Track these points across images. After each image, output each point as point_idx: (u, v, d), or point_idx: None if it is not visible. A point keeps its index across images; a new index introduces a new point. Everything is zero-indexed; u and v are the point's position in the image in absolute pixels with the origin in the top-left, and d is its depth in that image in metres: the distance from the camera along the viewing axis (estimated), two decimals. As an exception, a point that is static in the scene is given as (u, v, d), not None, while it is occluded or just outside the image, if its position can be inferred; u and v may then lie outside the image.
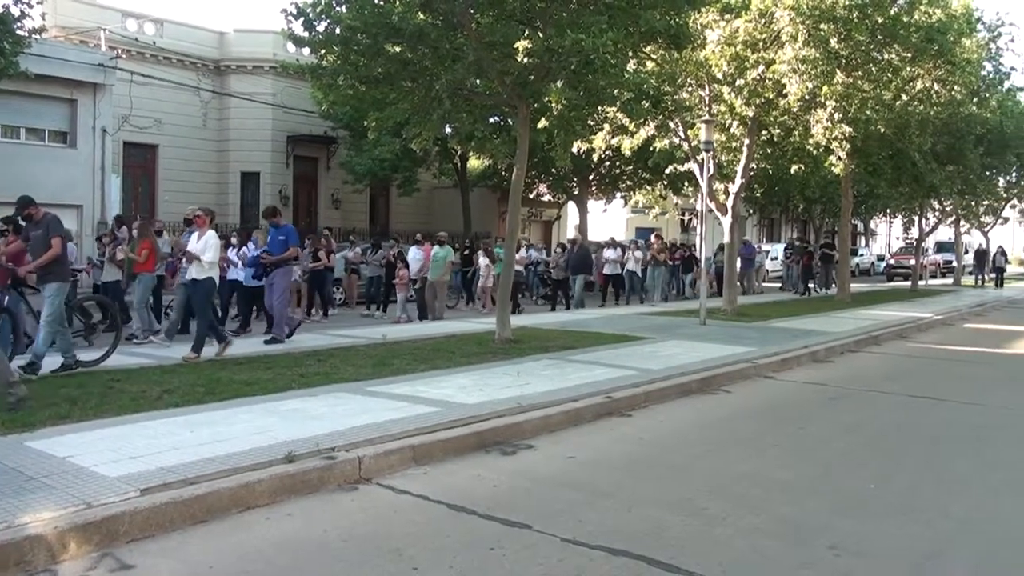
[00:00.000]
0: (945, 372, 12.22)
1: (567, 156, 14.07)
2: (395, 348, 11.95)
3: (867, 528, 5.24)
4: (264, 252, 13.04)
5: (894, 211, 44.12)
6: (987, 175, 31.25)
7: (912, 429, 8.25)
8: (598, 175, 34.29)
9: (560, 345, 12.55)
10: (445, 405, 7.86)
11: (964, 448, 7.46)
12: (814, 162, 23.03)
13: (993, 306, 25.25)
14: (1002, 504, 5.83)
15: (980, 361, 13.37)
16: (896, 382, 11.02)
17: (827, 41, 16.54)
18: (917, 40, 17.87)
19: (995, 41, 25.04)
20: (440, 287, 17.91)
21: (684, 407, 9.11)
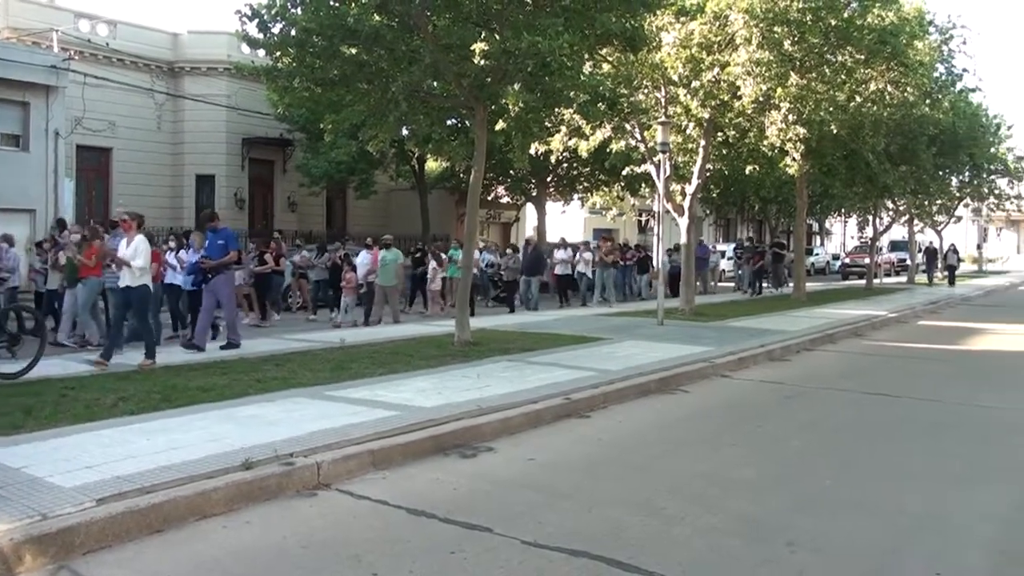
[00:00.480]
0: (900, 369, 12.44)
1: (525, 158, 14.11)
2: (353, 352, 11.88)
3: (825, 525, 5.32)
4: (203, 257, 12.72)
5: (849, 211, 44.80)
6: (940, 175, 31.85)
7: (868, 426, 8.39)
8: (556, 177, 34.39)
9: (519, 347, 12.58)
10: (404, 409, 7.84)
11: (920, 444, 7.60)
12: (769, 163, 23.32)
13: (947, 303, 25.73)
14: (958, 499, 5.93)
15: (935, 358, 13.63)
16: (852, 380, 11.20)
17: (781, 43, 16.76)
18: (870, 42, 18.17)
19: (947, 43, 25.58)
20: (391, 292, 17.62)
21: (643, 407, 9.17)
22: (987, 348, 15.08)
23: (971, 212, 47.49)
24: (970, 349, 14.97)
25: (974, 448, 7.50)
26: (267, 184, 32.38)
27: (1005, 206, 41.20)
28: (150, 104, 29.62)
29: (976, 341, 16.14)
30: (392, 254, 17.62)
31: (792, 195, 30.21)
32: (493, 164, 29.29)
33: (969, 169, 35.19)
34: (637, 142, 19.44)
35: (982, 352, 14.53)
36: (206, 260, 12.53)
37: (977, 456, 7.19)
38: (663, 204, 18.54)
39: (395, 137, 15.77)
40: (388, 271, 17.40)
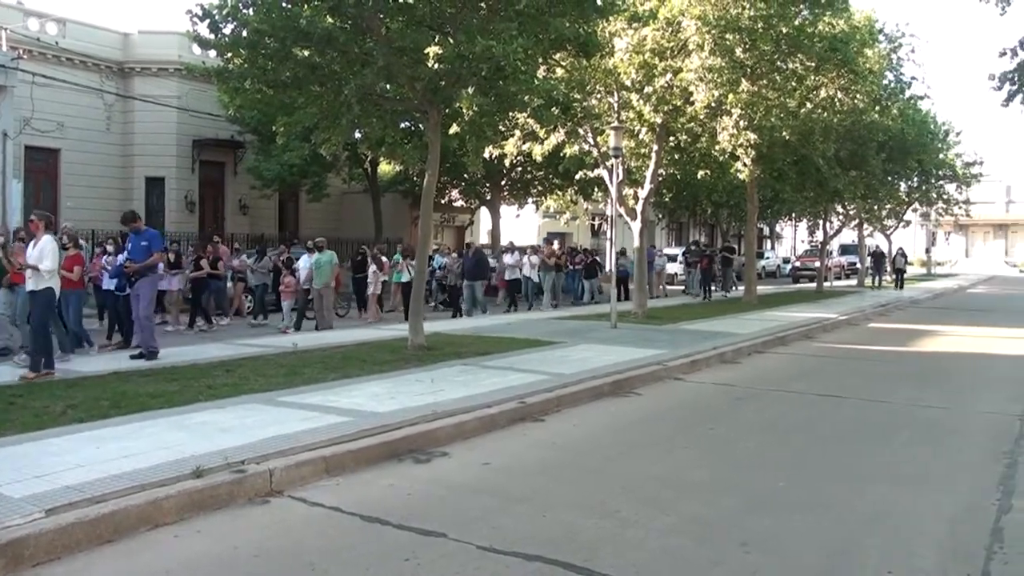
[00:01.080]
0: (850, 371, 12.67)
1: (479, 162, 14.13)
2: (306, 357, 11.79)
3: (777, 525, 5.40)
4: (128, 260, 12.29)
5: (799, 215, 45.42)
6: (889, 180, 32.50)
7: (819, 427, 8.54)
8: (510, 180, 34.46)
9: (474, 351, 12.58)
10: (357, 414, 7.80)
11: (870, 444, 7.74)
12: (720, 168, 23.63)
13: (896, 306, 26.22)
14: (909, 499, 6.04)
15: (884, 359, 13.90)
16: (803, 381, 11.38)
17: (733, 50, 16.98)
18: (821, 50, 18.49)
19: (896, 52, 26.19)
20: (326, 295, 17.35)
21: (596, 410, 9.23)
22: (935, 350, 15.41)
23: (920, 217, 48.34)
24: (918, 351, 15.29)
25: (923, 449, 7.65)
26: (218, 187, 31.96)
27: (953, 211, 41.94)
28: (99, 105, 29.07)
29: (924, 343, 16.49)
30: (326, 256, 17.44)
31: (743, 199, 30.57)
32: (447, 167, 29.25)
33: (918, 174, 35.81)
34: (590, 147, 19.58)
35: (930, 354, 14.85)
36: (130, 263, 12.05)
37: (926, 456, 7.34)
38: (616, 208, 18.67)
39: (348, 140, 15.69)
40: (323, 273, 17.20)
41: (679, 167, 23.58)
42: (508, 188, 35.37)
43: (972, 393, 10.79)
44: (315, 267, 17.27)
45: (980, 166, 39.88)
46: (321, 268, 17.21)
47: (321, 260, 17.31)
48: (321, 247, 17.69)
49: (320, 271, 17.19)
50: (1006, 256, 77.98)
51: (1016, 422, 8.83)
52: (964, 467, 7.04)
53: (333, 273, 17.45)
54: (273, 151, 27.46)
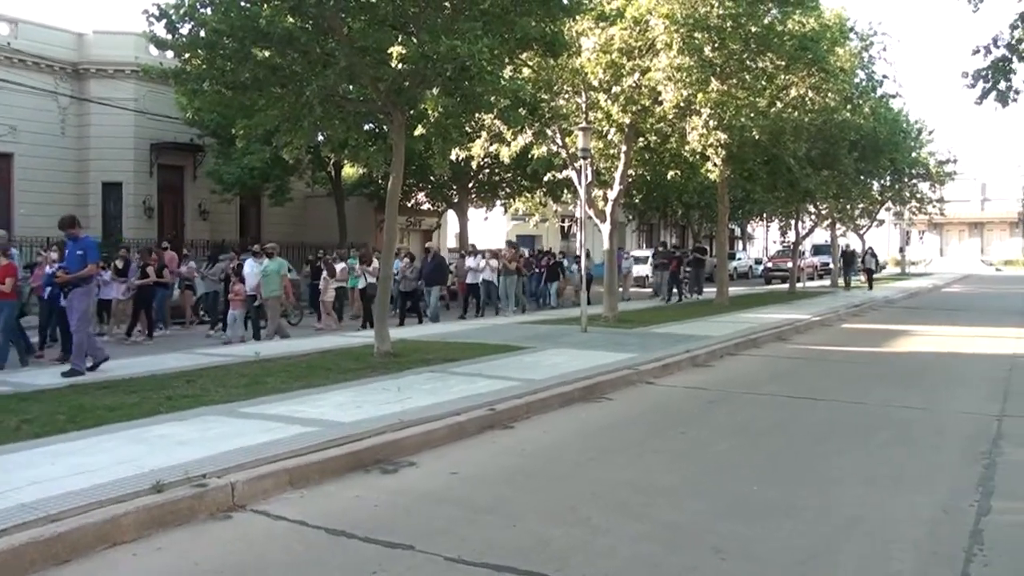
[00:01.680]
0: (824, 372, 12.80)
1: (445, 164, 14.11)
2: (269, 366, 11.70)
3: (751, 530, 5.44)
4: (60, 269, 11.86)
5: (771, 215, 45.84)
6: (861, 179, 32.76)
7: (793, 430, 8.62)
8: (477, 183, 34.44)
9: (442, 357, 12.56)
10: (322, 424, 7.76)
11: (845, 446, 7.82)
12: (691, 168, 23.82)
13: (871, 306, 26.47)
14: (886, 501, 6.10)
15: (858, 360, 14.05)
16: (776, 384, 11.48)
17: (701, 49, 17.11)
18: (791, 49, 18.67)
19: (867, 50, 26.52)
20: (273, 304, 16.70)
21: (567, 416, 9.25)
22: (910, 350, 15.61)
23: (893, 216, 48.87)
24: (894, 351, 15.47)
25: (900, 450, 7.74)
26: (177, 191, 31.68)
27: (927, 209, 42.39)
28: (53, 108, 28.71)
29: (899, 343, 16.68)
30: (275, 263, 16.80)
31: (714, 200, 30.80)
32: (413, 170, 29.18)
33: (890, 173, 36.15)
34: (559, 148, 19.64)
35: (905, 354, 15.03)
36: (63, 273, 11.54)
37: (902, 458, 7.43)
38: (585, 210, 18.74)
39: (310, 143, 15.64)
40: (271, 281, 16.57)
41: (649, 168, 23.74)
42: (476, 190, 35.35)
43: (949, 393, 10.93)
44: (263, 275, 16.72)
45: (954, 164, 40.32)
46: (269, 276, 16.62)
47: (269, 268, 16.73)
48: (271, 253, 17.03)
49: (268, 280, 16.62)
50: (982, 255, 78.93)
51: (994, 422, 8.93)
52: (942, 468, 7.12)
53: (282, 282, 16.81)
54: (233, 154, 27.26)
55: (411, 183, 32.83)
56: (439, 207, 38.06)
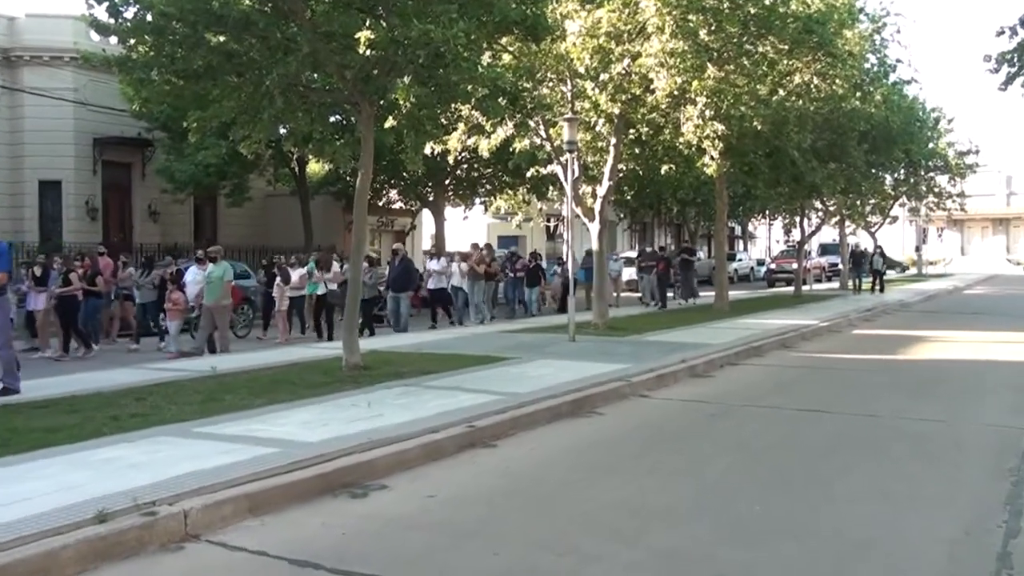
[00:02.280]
0: (833, 382, 12.86)
1: (419, 159, 14.07)
2: (227, 381, 11.63)
3: (756, 555, 5.42)
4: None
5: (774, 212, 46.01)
6: (873, 172, 32.79)
7: (800, 444, 8.64)
8: (454, 179, 34.41)
9: (417, 370, 12.53)
10: (285, 445, 7.71)
11: (857, 462, 7.84)
12: (686, 162, 23.82)
13: (884, 310, 26.57)
14: (903, 522, 6.10)
15: (870, 369, 14.12)
16: (781, 395, 11.53)
17: (696, 33, 17.12)
18: (794, 32, 18.69)
19: (879, 32, 26.60)
20: (219, 313, 16.48)
21: (554, 433, 9.24)
22: (927, 357, 15.68)
23: (908, 212, 48.92)
24: (908, 359, 15.54)
25: (917, 465, 7.75)
26: (124, 190, 31.49)
27: (946, 205, 42.38)
28: (-18, 99, 28.56)
29: (915, 350, 16.76)
30: (220, 268, 16.59)
31: (712, 196, 30.87)
32: (384, 166, 29.15)
33: (905, 166, 36.15)
34: (542, 140, 19.63)
35: (921, 362, 15.11)
36: None
37: (921, 474, 7.44)
38: (572, 208, 18.74)
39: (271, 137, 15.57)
40: (214, 288, 16.35)
41: (640, 162, 23.75)
42: (453, 188, 35.31)
43: (971, 404, 10.99)
44: (207, 282, 16.52)
45: (975, 155, 40.35)
46: (212, 283, 16.42)
47: (213, 274, 16.52)
48: (215, 258, 16.85)
49: (211, 286, 16.39)
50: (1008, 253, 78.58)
51: (1022, 435, 8.91)
52: (964, 485, 7.13)
53: (226, 289, 16.53)
54: (186, 150, 27.12)
55: (382, 180, 32.76)
56: (413, 206, 38.02)
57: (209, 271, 16.69)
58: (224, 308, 16.66)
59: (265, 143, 14.68)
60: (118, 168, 31.09)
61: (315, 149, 15.93)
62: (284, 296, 19.99)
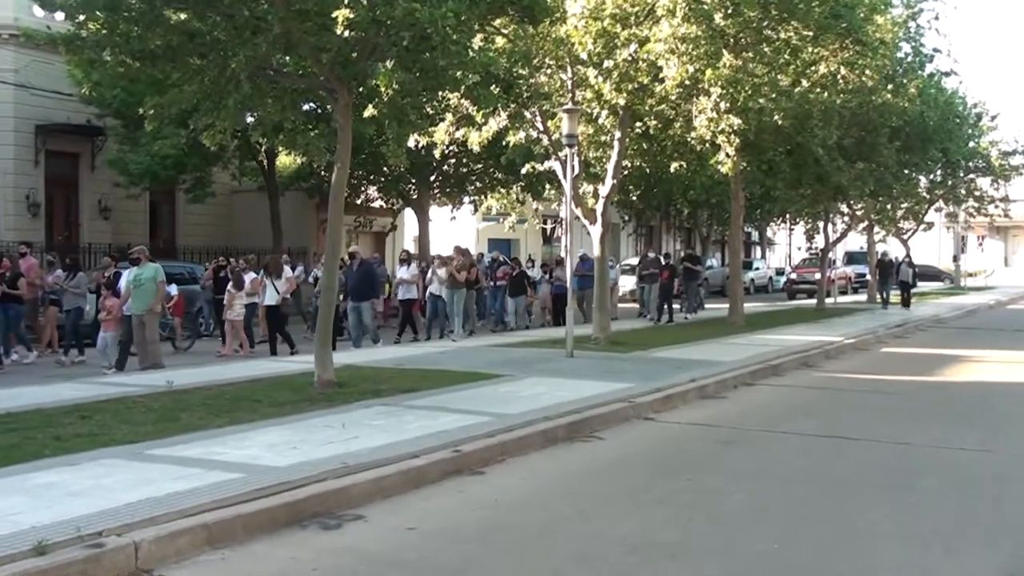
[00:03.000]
0: (860, 406, 12.85)
1: (402, 152, 14.07)
2: (184, 398, 11.60)
3: (769, 599, 5.43)
4: None
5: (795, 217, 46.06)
6: (905, 173, 32.74)
7: (822, 475, 8.63)
8: (441, 175, 34.43)
9: (396, 387, 12.52)
10: (249, 469, 7.69)
11: (886, 496, 7.84)
12: (698, 159, 23.88)
13: (917, 326, 26.60)
14: (935, 563, 6.09)
15: (901, 391, 14.13)
16: (801, 419, 11.52)
17: (711, 16, 17.18)
18: (820, 16, 18.74)
19: (914, 19, 26.64)
20: (151, 322, 15.87)
21: (549, 459, 9.24)
22: (965, 379, 15.69)
23: (945, 217, 48.79)
24: (944, 380, 15.56)
25: (954, 500, 7.75)
26: (70, 184, 31.38)
27: (988, 210, 42.23)
28: (-87, 80, 28.48)
29: (952, 371, 16.78)
30: (148, 270, 15.95)
31: (726, 198, 30.93)
32: (363, 159, 29.12)
33: (942, 167, 36.04)
34: (539, 133, 19.66)
35: (959, 384, 15.12)
36: None
37: (956, 510, 7.44)
38: (571, 208, 18.75)
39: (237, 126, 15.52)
40: (142, 294, 15.71)
41: (648, 159, 23.80)
42: (439, 185, 35.31)
43: (1013, 432, 11.00)
44: (133, 286, 15.90)
45: (1022, 156, 40.27)
46: (141, 287, 15.80)
47: (141, 277, 15.86)
48: (138, 258, 16.22)
49: (139, 292, 15.78)
50: None
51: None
52: (1007, 524, 7.13)
53: (157, 294, 15.96)
54: (142, 140, 27.03)
55: (360, 175, 32.74)
56: (394, 205, 37.96)
57: (135, 274, 16.03)
58: (154, 316, 16.05)
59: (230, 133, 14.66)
60: (64, 159, 30.98)
61: (286, 140, 15.94)
62: (236, 304, 19.50)
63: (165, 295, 17.05)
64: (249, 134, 25.43)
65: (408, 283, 22.77)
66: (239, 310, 19.73)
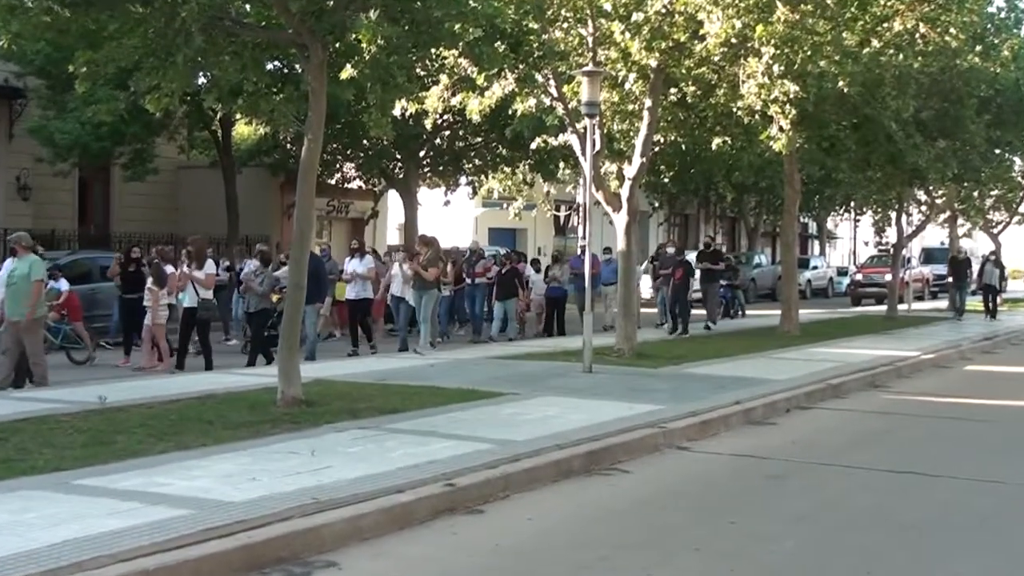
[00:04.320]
0: (939, 435, 12.88)
1: (386, 122, 14.08)
2: (120, 418, 11.60)
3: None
4: None
5: (862, 205, 45.93)
6: (996, 153, 32.58)
7: (893, 519, 8.62)
8: (433, 151, 34.37)
9: (377, 407, 12.52)
10: (199, 505, 7.70)
11: (973, 546, 7.84)
12: (745, 134, 23.80)
13: (1009, 339, 26.59)
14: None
15: (990, 418, 14.14)
16: (868, 451, 11.52)
17: (762, -41, 17.19)
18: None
19: (1010, -35, 26.55)
20: (33, 331, 15.32)
21: (562, 496, 9.25)
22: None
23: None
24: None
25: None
26: (-18, 157, 31.52)
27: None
28: None
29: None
30: (24, 264, 15.20)
31: (779, 182, 30.85)
32: (339, 130, 29.14)
33: (1041, 146, 35.98)
34: (553, 101, 19.61)
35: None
36: None
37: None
38: (591, 192, 18.73)
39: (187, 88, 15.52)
40: (17, 294, 15.04)
41: (684, 133, 23.75)
42: (430, 163, 35.25)
43: None
44: (7, 284, 15.33)
45: None
46: (14, 285, 15.15)
47: (15, 273, 15.23)
48: (14, 249, 15.68)
49: (12, 291, 15.16)
50: None
51: None
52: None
53: (34, 293, 15.16)
54: (70, 104, 27.08)
55: (336, 150, 32.73)
56: (377, 186, 37.94)
57: (9, 269, 15.54)
58: (37, 323, 15.45)
59: (178, 96, 14.68)
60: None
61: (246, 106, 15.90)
62: (159, 306, 18.66)
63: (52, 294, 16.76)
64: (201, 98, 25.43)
65: (362, 279, 21.99)
66: (163, 313, 18.90)
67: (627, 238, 20.04)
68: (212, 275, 19.16)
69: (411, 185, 35.13)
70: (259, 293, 19.10)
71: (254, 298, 19.26)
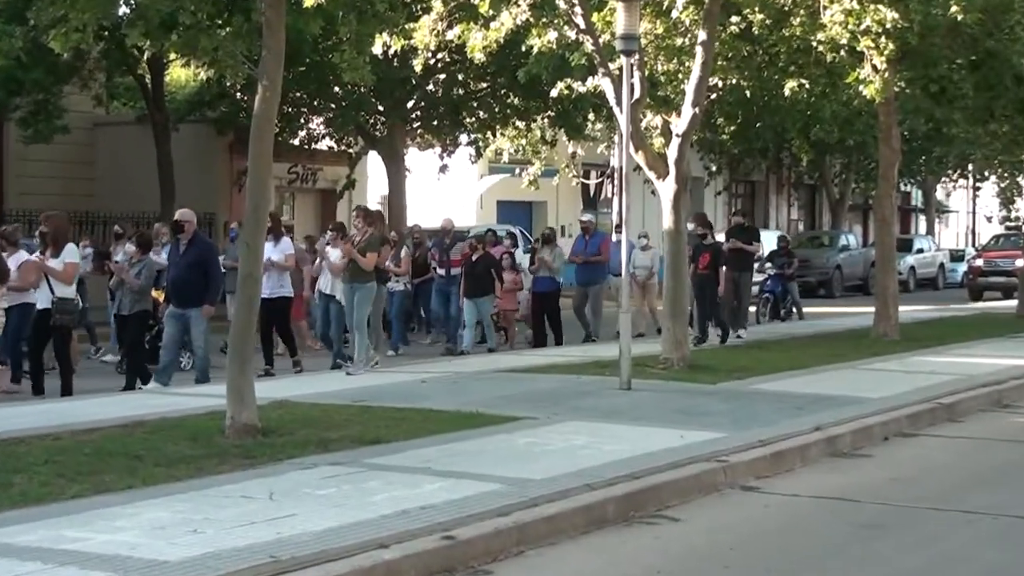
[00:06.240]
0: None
1: (364, 63, 14.09)
2: (18, 452, 11.63)
3: None
4: None
5: (982, 169, 45.88)
6: None
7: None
8: (424, 101, 34.39)
9: (354, 437, 12.54)
10: (123, 566, 7.68)
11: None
12: (828, 76, 23.82)
13: None
14: None
15: None
16: (991, 491, 11.51)
17: None
18: None
19: None
20: None
21: (592, 552, 9.24)
22: None
23: None
24: None
25: None
26: None
27: None
28: None
29: None
30: None
31: (871, 139, 30.84)
32: (303, 74, 29.19)
33: None
34: (579, 33, 19.52)
35: None
36: None
37: None
38: (628, 153, 18.68)
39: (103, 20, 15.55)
40: None
41: (749, 75, 23.74)
42: (421, 116, 35.25)
43: None
44: None
45: None
46: None
47: None
48: None
49: None
50: None
51: None
52: None
53: None
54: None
55: (299, 99, 32.76)
56: (352, 146, 37.85)
57: None
58: None
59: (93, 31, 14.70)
60: None
61: (182, 43, 15.94)
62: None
63: None
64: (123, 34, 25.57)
65: (278, 271, 20.81)
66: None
67: (675, 213, 19.79)
68: (73, 265, 18.11)
69: (397, 146, 35.11)
70: (135, 289, 18.66)
71: (129, 296, 18.77)
